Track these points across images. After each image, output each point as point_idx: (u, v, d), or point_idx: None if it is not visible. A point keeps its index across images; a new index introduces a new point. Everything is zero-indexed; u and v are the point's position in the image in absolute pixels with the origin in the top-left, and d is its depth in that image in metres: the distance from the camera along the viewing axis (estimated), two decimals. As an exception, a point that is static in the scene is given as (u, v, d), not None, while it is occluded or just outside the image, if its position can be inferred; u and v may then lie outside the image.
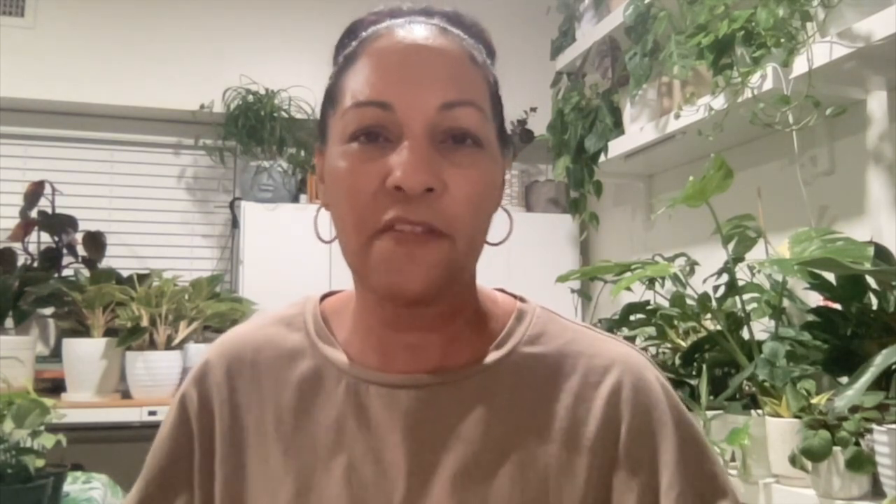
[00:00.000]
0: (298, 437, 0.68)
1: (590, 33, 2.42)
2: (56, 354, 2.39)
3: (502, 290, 0.76)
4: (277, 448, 0.68)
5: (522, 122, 2.85)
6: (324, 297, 0.77)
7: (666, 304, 1.67)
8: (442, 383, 0.67)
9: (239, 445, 0.70)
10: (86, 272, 2.53)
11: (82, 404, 2.21)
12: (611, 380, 0.67)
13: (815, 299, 1.52)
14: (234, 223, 2.86)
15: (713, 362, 1.52)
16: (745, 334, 1.45)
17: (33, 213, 2.59)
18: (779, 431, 1.25)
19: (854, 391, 1.06)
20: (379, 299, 0.65)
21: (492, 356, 0.69)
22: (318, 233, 0.71)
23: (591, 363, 0.69)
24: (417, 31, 0.65)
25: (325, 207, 0.69)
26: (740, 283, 1.52)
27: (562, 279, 1.85)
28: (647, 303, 1.70)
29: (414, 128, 0.61)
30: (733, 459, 1.36)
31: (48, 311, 2.54)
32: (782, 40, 1.54)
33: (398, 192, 0.59)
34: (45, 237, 2.61)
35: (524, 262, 2.39)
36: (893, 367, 1.12)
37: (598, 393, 0.67)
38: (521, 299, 0.74)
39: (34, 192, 2.59)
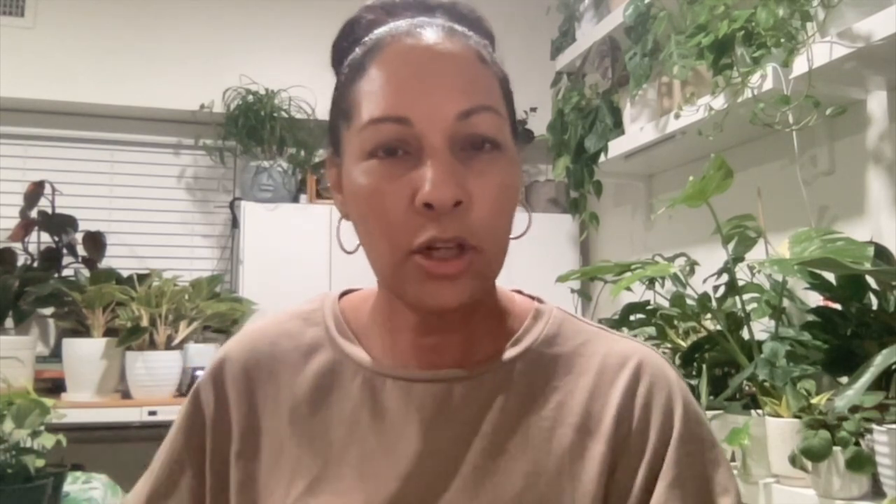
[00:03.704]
0: (313, 429, 0.69)
1: (590, 33, 2.42)
2: (56, 354, 2.39)
3: (519, 292, 0.77)
4: (292, 440, 0.69)
5: (522, 122, 2.84)
6: (342, 294, 0.77)
7: (666, 304, 1.67)
8: (459, 378, 0.68)
9: (255, 437, 0.70)
10: (86, 272, 2.53)
11: (82, 404, 2.21)
12: (626, 374, 0.68)
13: (815, 299, 1.52)
14: (234, 223, 2.86)
15: (713, 362, 1.52)
16: (745, 334, 1.45)
17: (33, 213, 2.59)
18: (779, 431, 1.25)
19: (854, 391, 1.06)
20: (410, 306, 0.66)
21: (509, 353, 0.70)
22: (342, 244, 0.70)
23: (606, 361, 0.69)
24: (426, 37, 0.64)
25: (344, 218, 0.69)
26: (740, 283, 1.52)
27: (562, 279, 1.86)
28: (647, 303, 1.70)
29: (434, 140, 0.61)
30: (733, 459, 1.36)
31: (48, 311, 2.54)
32: (782, 40, 1.54)
33: (428, 209, 0.60)
34: (45, 237, 2.61)
35: (524, 262, 2.37)
36: (893, 367, 1.12)
37: (613, 389, 0.68)
38: (539, 300, 0.75)
39: (34, 192, 2.60)
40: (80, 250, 2.64)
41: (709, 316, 1.59)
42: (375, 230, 0.63)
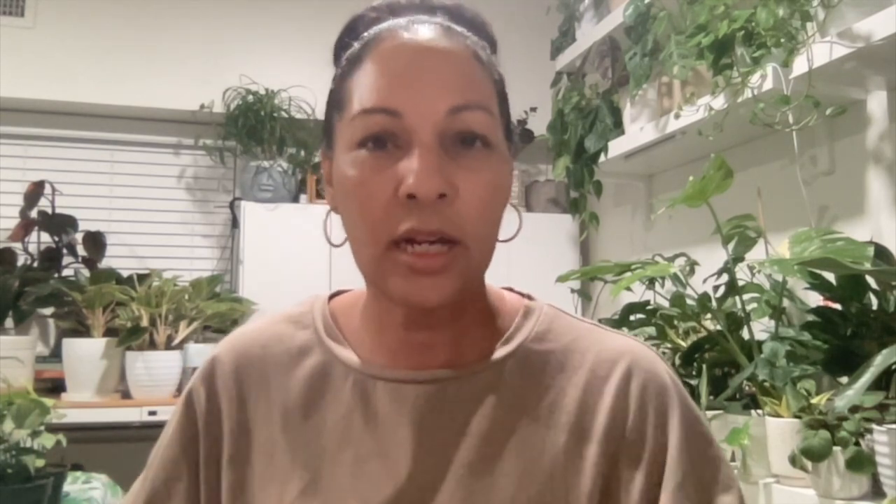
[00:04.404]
0: (306, 433, 0.68)
1: (590, 33, 2.42)
2: (56, 354, 2.39)
3: (510, 289, 0.76)
4: (285, 444, 0.68)
5: (522, 122, 2.85)
6: (331, 296, 0.77)
7: (666, 304, 1.67)
8: (450, 378, 0.67)
9: (247, 441, 0.70)
10: (86, 272, 2.53)
11: (82, 404, 2.21)
12: (619, 372, 0.68)
13: (815, 299, 1.52)
14: (234, 223, 2.86)
15: (713, 362, 1.52)
16: (745, 334, 1.45)
17: (33, 213, 2.59)
18: (779, 431, 1.25)
19: (854, 391, 1.06)
20: (393, 301, 0.65)
21: (499, 352, 0.69)
22: (329, 237, 0.70)
23: (598, 358, 0.69)
24: (422, 33, 0.64)
25: (333, 211, 0.69)
26: (740, 283, 1.52)
27: (562, 279, 1.86)
28: (647, 303, 1.70)
29: (423, 134, 0.60)
30: (733, 459, 1.36)
31: (48, 311, 2.54)
32: (782, 40, 1.54)
33: (411, 201, 0.59)
34: (45, 237, 2.61)
35: (524, 262, 2.39)
36: (893, 367, 1.12)
37: (606, 386, 0.67)
38: (529, 297, 0.75)
39: (34, 192, 2.59)
40: (80, 250, 2.63)
41: (709, 316, 1.59)
42: (359, 220, 0.62)
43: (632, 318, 1.71)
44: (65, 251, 2.61)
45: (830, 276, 1.35)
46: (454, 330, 0.68)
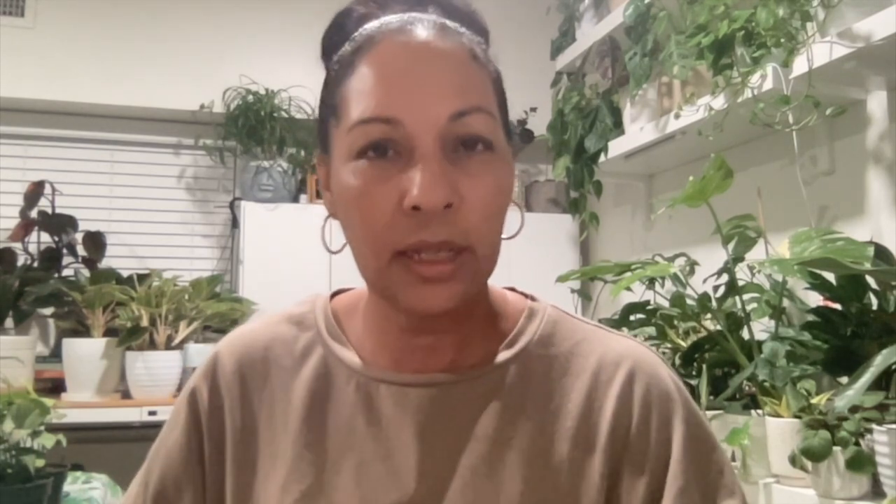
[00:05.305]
0: (309, 436, 0.68)
1: (590, 33, 2.42)
2: (56, 354, 2.39)
3: (513, 289, 0.75)
4: (287, 446, 0.68)
5: (522, 122, 2.85)
6: (333, 294, 0.76)
7: (666, 304, 1.67)
8: (453, 382, 0.67)
9: (249, 443, 0.69)
10: (86, 272, 2.53)
11: (82, 404, 2.21)
12: (621, 377, 0.67)
13: (815, 299, 1.52)
14: (234, 223, 2.86)
15: (713, 362, 1.52)
16: (745, 334, 1.45)
17: (33, 213, 2.59)
18: (779, 431, 1.25)
19: (854, 391, 1.06)
20: (399, 311, 0.65)
21: (503, 355, 0.69)
22: (327, 244, 0.69)
23: (602, 361, 0.68)
24: (417, 34, 0.62)
25: (332, 216, 0.68)
26: (740, 283, 1.52)
27: (562, 279, 1.86)
28: (647, 303, 1.70)
29: (424, 141, 0.59)
30: (733, 459, 1.36)
31: (48, 311, 2.54)
32: (782, 40, 1.54)
33: (416, 212, 0.58)
34: (45, 237, 2.61)
35: (524, 262, 2.38)
36: (893, 367, 1.12)
37: (609, 391, 0.67)
38: (532, 298, 0.74)
39: (34, 192, 2.60)
40: (80, 250, 2.63)
41: (709, 316, 1.59)
42: (362, 232, 0.61)
43: (632, 318, 1.71)
44: (65, 251, 2.61)
45: (830, 276, 1.35)
46: (458, 333, 0.67)
